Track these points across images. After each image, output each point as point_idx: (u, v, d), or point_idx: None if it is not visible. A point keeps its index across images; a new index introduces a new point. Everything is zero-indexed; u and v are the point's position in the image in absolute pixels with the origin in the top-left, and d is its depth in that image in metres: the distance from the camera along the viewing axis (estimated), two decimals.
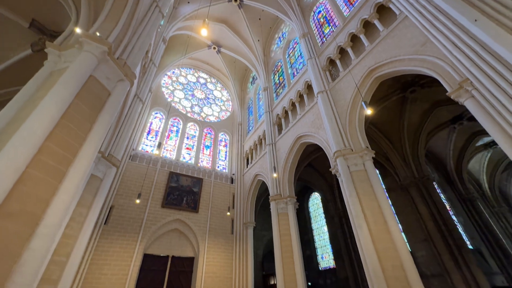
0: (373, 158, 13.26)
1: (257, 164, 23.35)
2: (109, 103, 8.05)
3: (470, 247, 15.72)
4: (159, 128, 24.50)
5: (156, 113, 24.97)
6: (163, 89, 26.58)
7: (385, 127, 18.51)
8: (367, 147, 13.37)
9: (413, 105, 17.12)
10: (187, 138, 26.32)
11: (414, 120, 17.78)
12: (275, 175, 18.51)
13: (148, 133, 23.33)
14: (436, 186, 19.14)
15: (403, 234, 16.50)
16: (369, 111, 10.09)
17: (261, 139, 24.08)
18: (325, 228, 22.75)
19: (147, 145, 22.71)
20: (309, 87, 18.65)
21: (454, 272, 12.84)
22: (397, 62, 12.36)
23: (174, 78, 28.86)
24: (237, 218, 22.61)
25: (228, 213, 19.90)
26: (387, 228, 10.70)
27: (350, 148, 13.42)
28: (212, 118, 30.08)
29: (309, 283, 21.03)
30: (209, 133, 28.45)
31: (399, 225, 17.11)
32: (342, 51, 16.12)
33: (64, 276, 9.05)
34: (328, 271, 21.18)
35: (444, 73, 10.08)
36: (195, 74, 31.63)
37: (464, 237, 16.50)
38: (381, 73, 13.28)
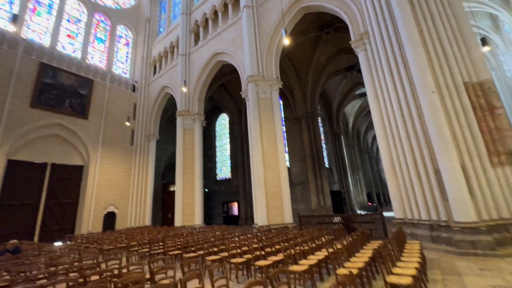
0: (279, 88, 14.41)
1: (166, 75, 20.90)
2: None
3: (327, 166, 21.86)
4: None
5: None
6: None
7: (297, 62, 19.76)
8: (278, 78, 14.21)
9: (325, 46, 18.61)
10: (68, 21, 19.47)
11: (321, 61, 19.75)
12: (185, 90, 17.42)
13: None
14: (320, 121, 23.71)
15: (287, 154, 20.55)
16: (287, 41, 10.19)
17: (173, 47, 20.91)
18: (228, 146, 25.13)
19: None
20: None
21: (312, 181, 18.00)
22: None
23: None
24: (139, 129, 21.13)
25: (128, 123, 18.14)
26: (276, 148, 12.89)
27: (262, 75, 13.87)
28: (108, 1, 22.74)
29: (206, 189, 24.22)
30: (103, 21, 21.91)
31: (286, 147, 20.98)
32: None
33: None
34: (224, 180, 24.76)
35: (355, 22, 11.02)
36: None
37: (325, 159, 22.53)
38: (307, 4, 13.11)
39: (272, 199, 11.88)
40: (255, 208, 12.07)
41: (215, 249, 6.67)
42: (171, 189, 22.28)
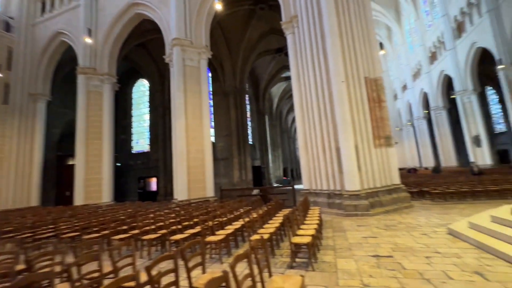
0: (209, 59, 13.56)
1: (62, 18, 16.20)
2: None
3: (251, 143, 22.93)
4: None
5: None
6: None
7: (229, 34, 18.96)
8: (207, 46, 13.27)
9: (258, 22, 18.46)
10: None
11: (253, 38, 19.63)
12: (90, 41, 14.07)
13: None
14: (247, 98, 24.15)
15: (212, 129, 20.21)
16: (219, 6, 9.45)
17: None
18: (147, 116, 22.50)
19: None
20: None
21: (236, 157, 18.56)
22: None
23: None
24: (18, 85, 16.02)
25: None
26: (201, 122, 12.36)
27: (190, 40, 12.62)
28: None
29: (119, 164, 21.32)
30: None
31: (212, 122, 20.55)
32: None
33: None
34: (141, 154, 22.38)
35: (287, 3, 11.16)
36: None
37: (250, 136, 23.51)
38: None
39: (194, 173, 11.56)
40: (176, 182, 11.50)
41: (125, 227, 6.00)
42: (69, 162, 18.48)
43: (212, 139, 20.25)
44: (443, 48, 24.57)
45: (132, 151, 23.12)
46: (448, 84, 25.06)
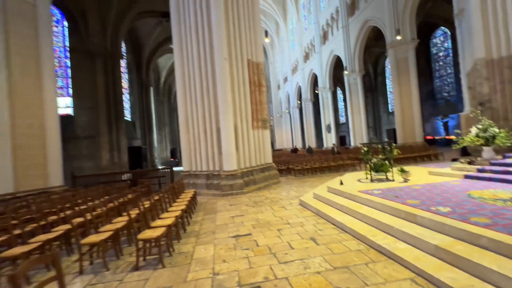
0: (65, 3, 9.72)
1: None
2: None
3: (128, 119, 19.44)
4: None
5: None
6: None
7: None
8: None
9: None
10: None
11: None
12: None
13: None
14: (125, 66, 20.02)
15: (70, 98, 15.44)
16: None
17: None
18: None
19: None
20: None
21: (105, 135, 15.08)
22: None
23: None
24: None
25: None
26: (41, 85, 8.86)
27: None
28: None
29: None
30: None
31: (70, 89, 15.67)
32: None
33: None
34: None
35: None
36: None
37: (128, 111, 19.89)
38: None
39: (27, 156, 8.27)
40: None
41: None
42: None
43: (69, 111, 15.54)
44: (314, 50, 29.61)
45: None
46: (315, 81, 30.82)
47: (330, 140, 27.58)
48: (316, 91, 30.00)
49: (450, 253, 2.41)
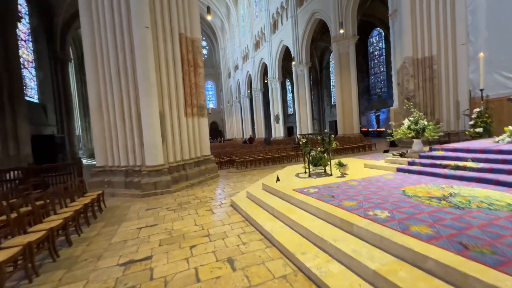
0: None
1: None
2: None
3: (35, 101, 15.48)
4: None
5: None
6: None
7: None
8: None
9: None
10: None
11: None
12: None
13: None
14: (26, 31, 15.68)
15: None
16: None
17: None
18: None
19: None
20: None
21: None
22: None
23: None
24: None
25: None
26: None
27: None
28: None
29: None
30: None
31: None
32: None
33: None
34: None
35: None
36: None
37: (35, 91, 15.82)
38: None
39: None
40: None
41: None
42: None
43: None
44: (264, 39, 28.94)
45: None
46: (265, 71, 30.37)
47: (278, 130, 27.79)
48: (266, 81, 29.67)
49: (391, 284, 1.80)
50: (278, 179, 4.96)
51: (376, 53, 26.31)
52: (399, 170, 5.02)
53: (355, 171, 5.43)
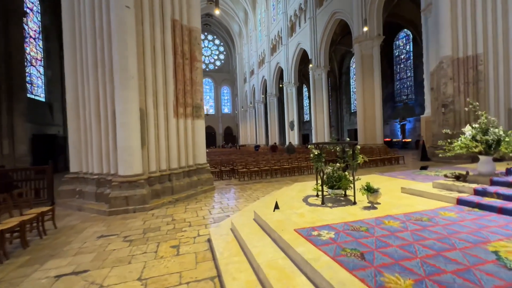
0: None
1: None
2: None
3: (41, 99, 15.19)
4: None
5: None
6: None
7: None
8: None
9: None
10: None
11: None
12: None
13: None
14: (39, 29, 15.57)
15: None
16: None
17: None
18: None
19: None
20: None
21: None
22: None
23: None
24: None
25: None
26: None
27: None
28: None
29: None
30: None
31: None
32: None
33: None
34: None
35: None
36: None
37: (42, 90, 15.55)
38: None
39: None
40: None
41: None
42: None
43: None
44: (281, 42, 27.73)
45: None
46: (281, 76, 29.01)
47: (292, 138, 26.10)
48: (281, 86, 28.28)
49: None
50: (276, 206, 3.44)
51: (402, 56, 24.08)
52: (461, 202, 3.32)
53: (390, 198, 3.79)
